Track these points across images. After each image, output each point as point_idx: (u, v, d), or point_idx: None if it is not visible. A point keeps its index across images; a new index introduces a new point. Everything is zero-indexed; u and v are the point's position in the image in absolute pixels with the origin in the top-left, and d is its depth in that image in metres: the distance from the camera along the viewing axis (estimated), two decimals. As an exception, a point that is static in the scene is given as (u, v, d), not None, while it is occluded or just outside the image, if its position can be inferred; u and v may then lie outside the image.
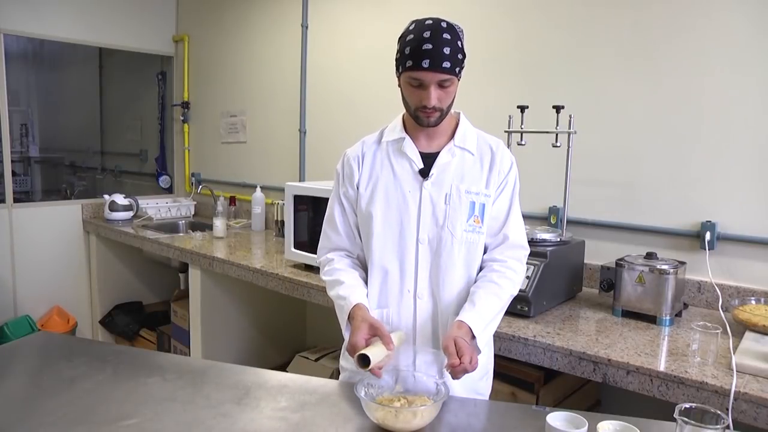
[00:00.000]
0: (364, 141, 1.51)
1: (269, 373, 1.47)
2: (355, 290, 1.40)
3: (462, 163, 1.42)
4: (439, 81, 1.29)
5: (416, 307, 1.43)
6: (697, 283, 2.03)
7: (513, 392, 1.88)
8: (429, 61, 1.26)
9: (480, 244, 1.43)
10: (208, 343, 3.02)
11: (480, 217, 1.41)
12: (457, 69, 1.30)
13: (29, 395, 1.33)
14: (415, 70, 1.28)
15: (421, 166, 1.41)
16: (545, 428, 1.11)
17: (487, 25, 2.54)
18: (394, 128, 1.47)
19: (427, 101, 1.30)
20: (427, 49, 1.26)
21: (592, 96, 2.24)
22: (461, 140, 1.43)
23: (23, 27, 3.55)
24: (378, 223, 1.42)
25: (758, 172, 1.91)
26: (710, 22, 1.97)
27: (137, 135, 4.76)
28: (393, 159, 1.44)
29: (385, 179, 1.43)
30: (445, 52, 1.26)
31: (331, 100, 3.26)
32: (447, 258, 1.40)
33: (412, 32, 1.30)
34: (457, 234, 1.39)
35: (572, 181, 2.10)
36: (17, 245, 3.62)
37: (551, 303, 1.97)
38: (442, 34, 1.28)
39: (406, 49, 1.30)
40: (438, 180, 1.40)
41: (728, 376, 1.40)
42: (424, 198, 1.40)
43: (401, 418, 1.16)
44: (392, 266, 1.42)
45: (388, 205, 1.42)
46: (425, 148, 1.43)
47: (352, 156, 1.49)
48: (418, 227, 1.40)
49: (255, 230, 3.50)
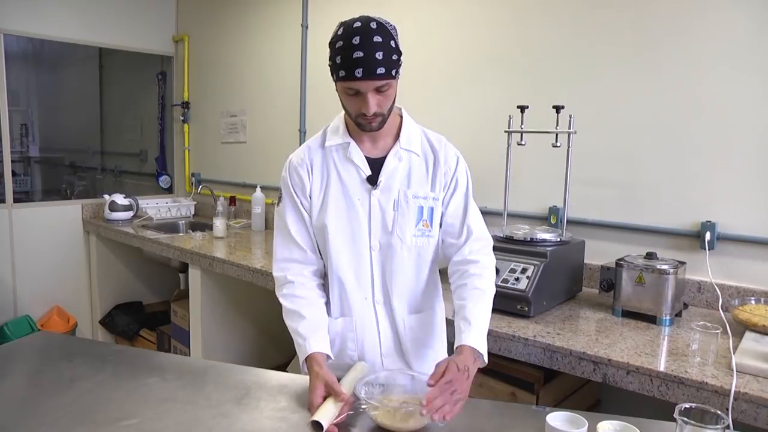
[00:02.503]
0: (309, 146, 1.46)
1: (269, 373, 1.47)
2: (315, 333, 1.34)
3: (408, 166, 1.41)
4: (375, 87, 1.24)
5: (377, 313, 1.44)
6: (697, 283, 2.03)
7: (513, 392, 1.88)
8: (362, 70, 1.21)
9: (430, 247, 1.43)
10: (208, 343, 3.02)
11: (429, 221, 1.41)
12: (393, 71, 1.25)
13: (29, 395, 1.33)
14: (349, 80, 1.23)
15: (369, 173, 1.39)
16: (545, 428, 1.11)
17: (487, 25, 2.54)
18: (337, 130, 1.43)
19: (366, 109, 1.26)
20: (359, 58, 1.20)
21: (592, 96, 2.24)
22: (407, 142, 1.41)
23: (23, 27, 3.55)
24: (332, 233, 1.41)
25: (758, 172, 1.91)
26: (710, 22, 1.97)
27: (137, 135, 4.76)
28: (340, 165, 1.41)
29: (334, 188, 1.41)
30: (377, 57, 1.21)
31: (331, 100, 3.24)
32: (398, 263, 1.41)
33: (341, 38, 1.24)
34: (406, 240, 1.39)
35: (572, 181, 2.10)
36: (17, 245, 3.62)
37: (551, 303, 1.97)
38: (372, 38, 1.21)
39: (337, 57, 1.24)
40: (386, 186, 1.39)
41: (728, 376, 1.40)
42: (374, 206, 1.39)
43: (399, 417, 1.16)
44: (349, 275, 1.42)
45: (340, 214, 1.40)
46: (371, 152, 1.41)
47: (298, 164, 1.44)
48: (369, 234, 1.40)
49: (255, 230, 3.50)
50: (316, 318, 1.39)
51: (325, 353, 1.33)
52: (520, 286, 1.84)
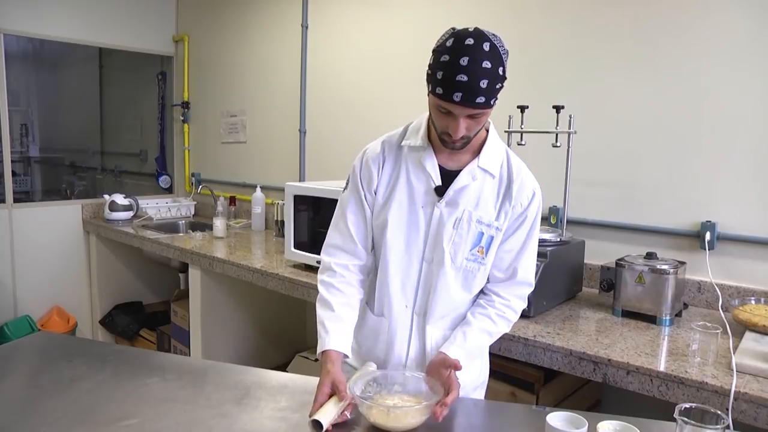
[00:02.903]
0: (385, 141, 1.41)
1: (269, 373, 1.47)
2: (339, 330, 1.33)
3: (481, 187, 1.34)
4: (469, 114, 1.19)
5: (413, 323, 1.42)
6: (697, 283, 2.03)
7: (513, 392, 1.88)
8: (461, 95, 1.13)
9: (480, 274, 1.38)
10: (208, 343, 3.02)
11: (485, 249, 1.35)
12: (493, 101, 1.18)
13: (29, 395, 1.33)
14: (444, 101, 1.16)
15: (439, 183, 1.33)
16: (545, 428, 1.11)
17: (487, 25, 2.52)
18: (418, 131, 1.37)
19: (454, 132, 1.21)
20: (461, 82, 1.12)
21: (592, 96, 2.24)
22: (485, 161, 1.34)
23: (23, 27, 3.55)
24: (390, 235, 1.37)
25: (758, 172, 1.91)
26: (710, 22, 1.97)
27: (137, 135, 4.76)
28: (411, 169, 1.36)
29: (401, 189, 1.36)
30: (481, 86, 1.12)
31: (331, 100, 3.26)
32: (444, 281, 1.37)
33: (448, 53, 1.14)
34: (457, 261, 1.35)
35: (572, 181, 2.10)
36: (17, 245, 3.62)
37: (551, 303, 1.97)
38: (481, 63, 1.12)
39: (438, 72, 1.15)
40: (452, 201, 1.34)
41: (728, 376, 1.40)
42: (435, 217, 1.35)
43: (392, 417, 1.17)
44: (396, 279, 1.40)
45: (401, 217, 1.37)
46: (447, 162, 1.35)
47: (372, 158, 1.39)
48: (425, 245, 1.37)
49: (255, 230, 3.50)
50: (346, 315, 1.36)
51: (342, 352, 1.31)
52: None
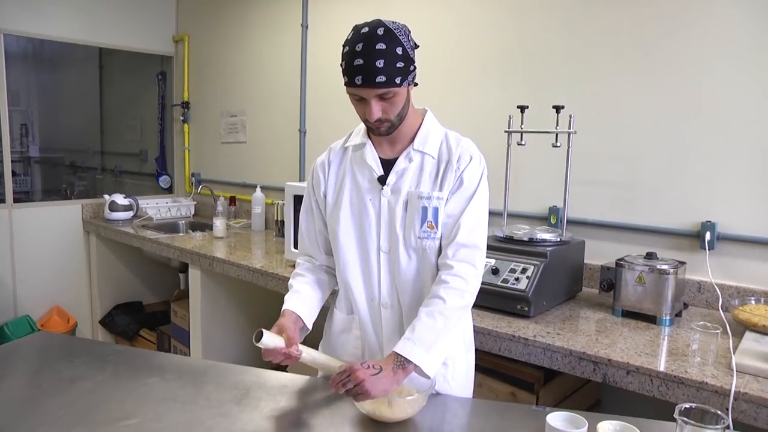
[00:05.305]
0: (331, 148, 1.51)
1: (269, 373, 1.47)
2: (294, 297, 1.44)
3: (419, 167, 1.38)
4: (378, 95, 1.25)
5: (382, 315, 1.43)
6: (697, 283, 2.03)
7: (513, 392, 1.88)
8: (361, 78, 1.22)
9: (435, 249, 1.37)
10: (208, 343, 3.02)
11: (434, 222, 1.35)
12: (397, 79, 1.23)
13: (29, 395, 1.33)
14: (350, 87, 1.26)
15: (381, 173, 1.39)
16: (545, 428, 1.11)
17: (487, 25, 2.54)
18: (359, 131, 1.45)
19: (369, 116, 1.28)
20: (359, 65, 1.21)
21: (592, 96, 2.24)
22: (421, 143, 1.38)
23: (23, 27, 3.55)
24: (342, 233, 1.42)
25: (758, 172, 1.91)
26: (710, 21, 1.97)
27: (137, 135, 4.76)
28: (355, 166, 1.43)
29: (348, 188, 1.43)
30: (377, 66, 1.20)
31: (331, 100, 3.26)
32: (405, 266, 1.38)
33: (349, 42, 1.24)
34: (411, 241, 1.37)
35: (572, 181, 2.10)
36: (17, 245, 3.62)
37: (551, 303, 1.97)
38: (375, 45, 1.20)
39: (342, 62, 1.25)
40: (396, 187, 1.38)
41: (728, 376, 1.40)
42: (383, 206, 1.39)
43: (383, 404, 1.20)
44: (356, 275, 1.43)
45: (352, 214, 1.42)
46: (387, 153, 1.41)
47: (319, 164, 1.50)
48: (378, 236, 1.40)
49: (255, 230, 3.50)
50: (305, 292, 1.47)
51: (296, 312, 1.38)
52: (520, 286, 1.84)
